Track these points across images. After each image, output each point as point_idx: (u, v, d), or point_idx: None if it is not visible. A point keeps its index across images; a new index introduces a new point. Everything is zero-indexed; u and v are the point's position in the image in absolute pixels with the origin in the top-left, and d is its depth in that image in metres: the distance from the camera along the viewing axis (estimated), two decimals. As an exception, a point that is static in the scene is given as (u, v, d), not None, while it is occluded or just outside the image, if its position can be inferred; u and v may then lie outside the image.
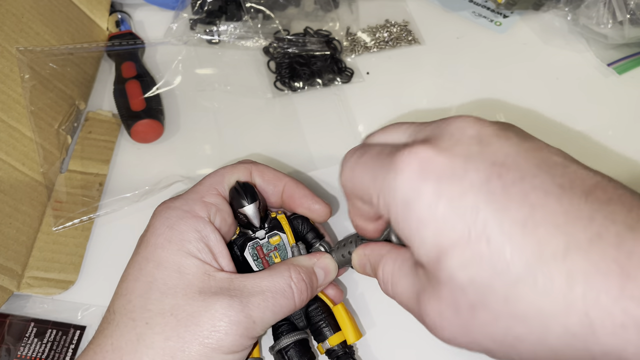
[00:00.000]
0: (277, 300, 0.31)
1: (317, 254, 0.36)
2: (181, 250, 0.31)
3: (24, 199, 0.45)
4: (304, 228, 0.38)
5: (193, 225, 0.32)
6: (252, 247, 0.36)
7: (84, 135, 0.52)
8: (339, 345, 0.36)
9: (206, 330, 0.29)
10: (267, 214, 0.37)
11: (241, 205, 0.35)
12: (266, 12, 0.58)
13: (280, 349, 0.35)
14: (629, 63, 0.56)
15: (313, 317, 0.36)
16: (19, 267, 0.43)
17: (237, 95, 0.56)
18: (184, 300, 0.30)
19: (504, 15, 0.61)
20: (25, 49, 0.49)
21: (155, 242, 0.32)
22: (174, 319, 0.29)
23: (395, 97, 0.55)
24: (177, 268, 0.31)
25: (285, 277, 0.32)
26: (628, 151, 0.50)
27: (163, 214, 0.33)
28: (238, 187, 0.35)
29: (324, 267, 0.35)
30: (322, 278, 0.35)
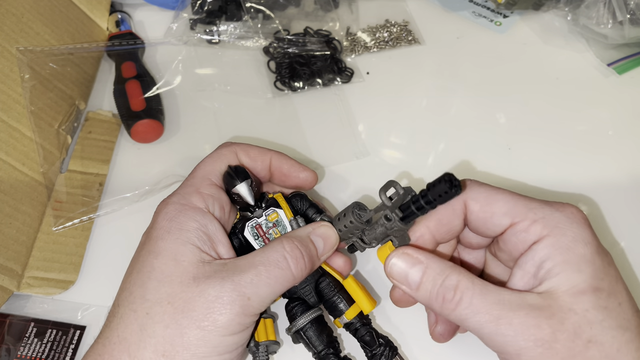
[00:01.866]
0: (270, 272, 0.32)
1: (314, 224, 0.36)
2: (179, 239, 0.32)
3: (24, 199, 0.45)
4: (303, 205, 0.38)
5: (192, 216, 0.33)
6: (251, 227, 0.36)
7: (84, 135, 0.52)
8: (356, 318, 0.36)
9: (201, 314, 0.30)
10: (264, 195, 0.38)
11: (233, 185, 0.35)
12: (266, 12, 0.58)
13: (298, 330, 0.36)
14: (629, 63, 0.56)
15: (326, 294, 0.36)
16: (19, 267, 0.43)
17: (237, 95, 0.56)
18: (180, 288, 0.31)
19: (504, 15, 0.61)
20: (25, 49, 0.49)
21: (155, 235, 0.33)
22: (171, 307, 0.30)
23: (395, 97, 0.55)
24: (174, 256, 0.32)
25: (279, 249, 0.33)
26: (628, 151, 0.50)
27: (163, 210, 0.34)
28: (229, 169, 0.36)
29: (321, 235, 0.35)
30: (321, 246, 0.35)
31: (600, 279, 0.29)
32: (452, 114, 0.54)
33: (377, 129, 0.53)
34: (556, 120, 0.53)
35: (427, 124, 0.53)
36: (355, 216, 0.34)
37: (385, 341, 0.36)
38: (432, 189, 0.29)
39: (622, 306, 0.29)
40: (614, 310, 0.29)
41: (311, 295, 0.37)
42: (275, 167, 0.39)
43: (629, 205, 0.47)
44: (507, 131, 0.52)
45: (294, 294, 0.37)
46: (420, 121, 0.53)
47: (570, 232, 0.30)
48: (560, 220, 0.31)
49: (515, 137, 0.52)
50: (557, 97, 0.54)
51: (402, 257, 0.32)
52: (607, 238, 0.45)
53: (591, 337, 0.28)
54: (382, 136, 0.52)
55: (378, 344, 0.36)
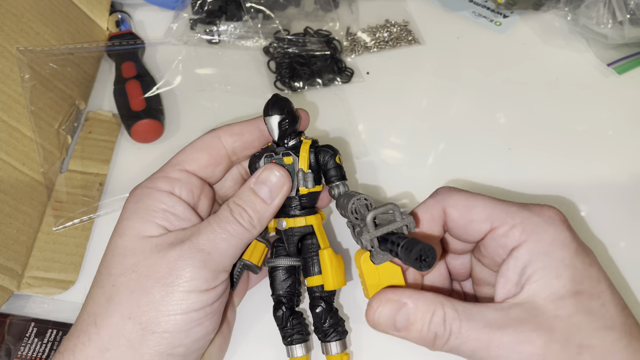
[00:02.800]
0: (223, 228, 0.33)
1: (257, 171, 0.36)
2: (143, 218, 0.33)
3: (24, 199, 0.45)
4: (326, 162, 0.37)
5: (157, 197, 0.34)
6: (266, 159, 0.37)
7: (84, 135, 0.52)
8: (317, 287, 0.37)
9: (165, 274, 0.31)
10: (298, 135, 0.38)
11: (266, 113, 0.36)
12: (266, 12, 0.58)
13: (270, 266, 0.38)
14: (629, 63, 0.56)
15: (304, 252, 0.37)
16: (19, 267, 0.43)
17: (237, 95, 0.56)
18: (143, 257, 0.32)
19: (504, 15, 0.61)
20: (26, 49, 0.49)
21: (122, 216, 0.34)
22: (135, 274, 0.31)
23: (395, 97, 0.55)
24: (137, 232, 0.33)
25: (225, 207, 0.34)
26: (628, 151, 0.50)
27: (132, 193, 0.35)
28: (274, 97, 0.36)
29: (263, 181, 0.35)
30: (266, 192, 0.35)
31: (579, 282, 0.30)
32: (452, 114, 0.54)
33: (377, 129, 0.53)
34: (556, 120, 0.53)
35: (427, 124, 0.53)
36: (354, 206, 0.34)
37: (333, 322, 0.36)
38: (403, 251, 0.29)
39: (606, 306, 0.30)
40: (598, 311, 0.29)
41: (292, 245, 0.38)
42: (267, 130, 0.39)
43: (629, 205, 0.47)
44: (507, 131, 0.52)
45: (282, 235, 0.38)
46: (420, 121, 0.53)
47: (548, 235, 0.30)
48: (538, 224, 0.31)
49: (515, 137, 0.52)
50: (557, 97, 0.54)
51: (386, 305, 0.31)
52: (606, 238, 0.45)
53: (581, 342, 0.28)
54: (382, 136, 0.52)
55: (324, 321, 0.36)
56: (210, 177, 0.38)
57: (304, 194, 0.37)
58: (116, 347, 0.30)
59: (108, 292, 0.32)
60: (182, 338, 0.31)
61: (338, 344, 0.36)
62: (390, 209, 0.32)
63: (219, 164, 0.38)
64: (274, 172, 0.35)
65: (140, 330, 0.30)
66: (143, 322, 0.30)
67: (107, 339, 0.30)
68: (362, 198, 0.34)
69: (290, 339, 0.37)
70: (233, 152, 0.38)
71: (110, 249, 0.33)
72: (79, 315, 0.33)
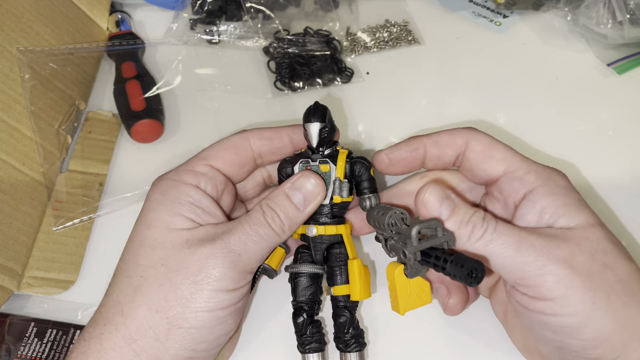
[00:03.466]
0: (255, 231, 0.33)
1: (293, 176, 0.36)
2: (171, 210, 0.34)
3: (24, 198, 0.45)
4: (361, 174, 0.38)
5: (184, 190, 0.34)
6: (302, 165, 0.37)
7: (84, 135, 0.52)
8: (342, 297, 0.37)
9: (195, 270, 0.32)
10: (334, 144, 0.38)
11: (307, 120, 0.36)
12: (266, 12, 0.58)
13: (293, 272, 0.38)
14: (628, 63, 0.56)
15: (331, 260, 0.37)
16: (19, 267, 0.43)
17: (237, 95, 0.56)
18: (173, 251, 0.32)
19: (504, 15, 0.61)
20: (26, 49, 0.49)
21: (148, 207, 0.34)
22: (164, 268, 0.32)
23: (395, 97, 0.55)
24: (166, 225, 0.33)
25: (258, 209, 0.35)
26: (628, 151, 0.50)
27: (157, 184, 0.35)
28: (315, 105, 0.37)
29: (298, 187, 0.35)
30: (300, 199, 0.35)
31: (600, 219, 0.33)
32: (452, 113, 0.54)
33: (377, 129, 0.53)
34: (556, 120, 0.53)
35: (427, 124, 0.53)
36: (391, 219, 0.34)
37: (355, 334, 0.36)
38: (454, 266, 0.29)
39: (622, 245, 0.32)
40: (619, 244, 0.32)
41: (319, 254, 0.38)
42: (297, 139, 0.39)
43: (629, 205, 0.47)
44: (507, 131, 0.52)
45: (309, 242, 0.38)
46: (420, 121, 0.53)
47: (561, 183, 0.33)
48: (551, 174, 0.34)
49: (515, 137, 0.52)
50: (557, 97, 0.54)
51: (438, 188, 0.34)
52: (607, 238, 0.45)
53: (606, 262, 0.30)
54: (382, 136, 0.52)
55: (346, 331, 0.36)
56: (234, 176, 0.38)
57: (337, 202, 0.37)
58: (143, 339, 0.31)
59: (136, 282, 0.32)
60: (206, 334, 0.32)
61: (357, 355, 0.36)
62: (433, 225, 0.32)
63: (244, 165, 0.38)
64: (310, 180, 0.36)
65: (167, 325, 0.31)
66: (170, 316, 0.31)
67: (134, 329, 0.31)
68: (399, 212, 0.35)
69: (307, 347, 0.37)
70: (259, 156, 0.39)
71: (137, 239, 0.33)
72: (103, 302, 0.33)
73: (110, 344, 0.31)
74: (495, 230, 0.31)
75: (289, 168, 0.38)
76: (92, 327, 0.32)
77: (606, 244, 0.31)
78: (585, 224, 0.31)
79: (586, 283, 0.29)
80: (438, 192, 0.33)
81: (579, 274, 0.29)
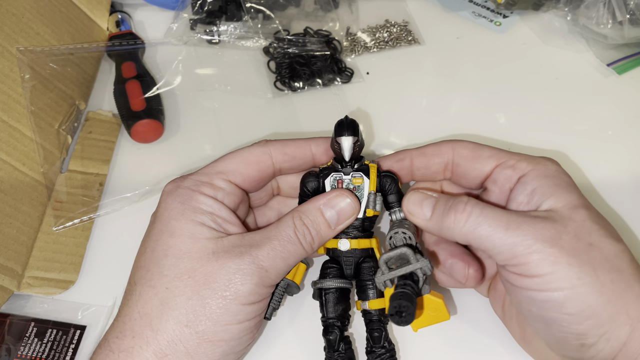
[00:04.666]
0: (284, 247, 0.33)
1: (330, 192, 0.36)
2: (194, 220, 0.33)
3: (24, 199, 0.45)
4: (390, 188, 0.38)
5: (203, 201, 0.34)
6: (334, 179, 0.37)
7: (84, 135, 0.52)
8: (376, 311, 0.36)
9: (223, 285, 0.31)
10: (362, 158, 0.38)
11: (340, 134, 0.36)
12: (266, 12, 0.58)
13: (322, 288, 0.37)
14: (628, 63, 0.56)
15: (363, 274, 0.37)
16: (19, 267, 0.43)
17: (237, 95, 0.56)
18: (199, 263, 0.32)
19: (504, 15, 0.61)
20: (26, 49, 0.49)
21: (168, 215, 0.34)
22: (191, 280, 0.32)
23: (395, 97, 0.55)
24: (191, 235, 0.33)
25: (289, 224, 0.34)
26: (628, 151, 0.50)
27: (174, 192, 0.35)
28: (345, 120, 0.37)
29: (333, 206, 0.35)
30: (334, 217, 0.35)
31: (588, 202, 0.33)
32: (452, 114, 0.54)
33: (377, 129, 0.53)
34: (556, 120, 0.53)
35: (427, 124, 0.53)
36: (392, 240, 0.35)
37: (390, 348, 0.36)
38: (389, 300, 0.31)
39: (610, 225, 0.33)
40: (605, 226, 0.32)
41: (350, 268, 0.37)
42: (318, 152, 0.39)
43: (628, 205, 0.47)
44: (507, 131, 0.52)
45: (337, 256, 0.38)
46: (420, 121, 0.53)
47: (552, 167, 0.34)
48: (542, 161, 0.35)
49: (515, 137, 0.52)
50: (557, 97, 0.54)
51: (417, 192, 0.35)
52: (607, 238, 0.45)
53: (591, 242, 0.31)
54: (382, 136, 0.52)
55: (381, 345, 0.36)
56: (251, 189, 0.38)
57: (369, 216, 0.37)
58: (173, 353, 0.31)
59: (162, 294, 0.32)
60: (235, 346, 0.33)
61: None
62: (400, 253, 0.33)
63: (264, 180, 0.38)
64: (346, 199, 0.36)
65: (197, 339, 0.31)
66: (200, 331, 0.31)
67: (165, 344, 0.31)
68: (401, 232, 0.35)
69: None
70: (279, 170, 0.38)
71: (160, 248, 0.33)
72: (126, 312, 0.32)
73: (142, 358, 0.31)
74: (482, 214, 0.31)
75: (314, 182, 0.38)
76: (118, 338, 0.32)
77: (591, 224, 0.31)
78: (571, 206, 0.32)
79: (572, 260, 0.29)
80: (415, 196, 0.35)
81: (564, 251, 0.30)
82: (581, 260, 0.30)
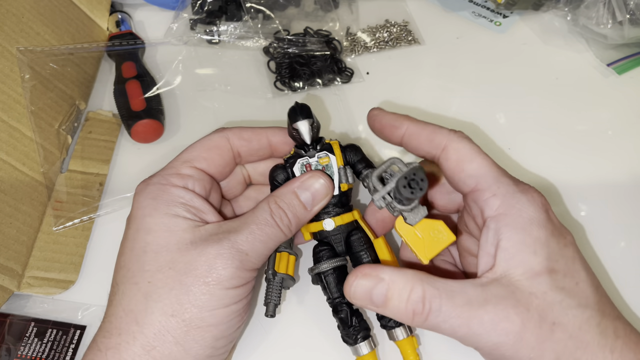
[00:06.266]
0: (262, 230, 0.34)
1: (302, 175, 0.36)
2: (167, 214, 0.33)
3: (24, 199, 0.45)
4: (355, 158, 0.38)
5: (174, 192, 0.34)
6: (301, 164, 0.37)
7: (84, 135, 0.52)
8: None
9: (205, 271, 0.32)
10: (322, 139, 0.39)
11: (295, 120, 0.37)
12: (266, 12, 0.58)
13: (320, 272, 0.37)
14: (628, 63, 0.56)
15: (354, 247, 0.37)
16: (19, 267, 0.43)
17: (237, 95, 0.56)
18: (178, 254, 0.32)
19: (504, 15, 0.61)
20: (26, 49, 0.49)
21: (142, 213, 0.34)
22: (172, 271, 0.32)
23: (395, 97, 0.55)
24: (167, 228, 0.33)
25: (266, 209, 0.35)
26: (628, 151, 0.50)
27: (144, 190, 0.35)
28: (296, 105, 0.37)
29: (308, 188, 0.36)
30: (309, 198, 0.36)
31: (555, 260, 0.30)
32: (452, 114, 0.54)
33: (377, 129, 0.53)
34: (556, 120, 0.53)
35: (427, 124, 0.53)
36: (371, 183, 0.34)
37: None
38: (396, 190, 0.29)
39: (580, 285, 0.31)
40: (572, 290, 0.30)
41: (340, 245, 0.38)
42: (276, 141, 0.40)
43: (628, 205, 0.47)
44: (507, 131, 0.52)
45: (325, 238, 0.38)
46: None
47: (526, 213, 0.31)
48: (520, 200, 0.32)
49: (515, 137, 0.52)
50: (557, 97, 0.54)
51: (363, 279, 0.31)
52: (607, 238, 0.45)
53: (554, 319, 0.29)
54: (382, 136, 0.52)
55: None
56: (218, 176, 0.38)
57: (344, 190, 0.37)
58: (162, 344, 0.31)
59: (144, 288, 0.32)
60: (224, 330, 0.33)
61: (403, 329, 0.36)
62: (392, 162, 0.32)
63: (227, 164, 0.39)
64: (319, 180, 0.36)
65: (184, 327, 0.31)
66: (187, 319, 0.31)
67: (152, 337, 0.31)
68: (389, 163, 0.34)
69: (355, 338, 0.37)
70: (238, 155, 0.39)
71: (138, 246, 0.33)
72: (112, 312, 0.33)
73: (130, 354, 0.31)
74: (441, 313, 0.29)
75: (283, 173, 0.38)
76: (105, 337, 0.32)
77: (554, 296, 0.30)
78: (533, 273, 0.30)
79: (532, 353, 0.29)
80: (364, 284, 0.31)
81: (527, 344, 0.29)
82: (544, 350, 0.29)
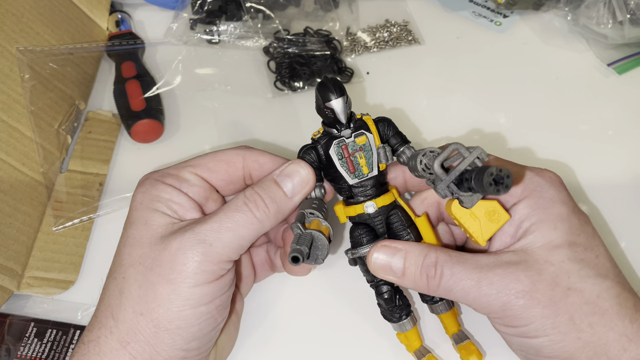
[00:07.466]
0: (231, 217, 0.32)
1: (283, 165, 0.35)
2: (149, 208, 0.33)
3: (24, 199, 0.45)
4: (388, 131, 0.36)
5: (164, 189, 0.34)
6: (337, 146, 0.34)
7: (84, 135, 0.52)
8: None
9: (168, 268, 0.31)
10: (353, 114, 0.35)
11: (328, 98, 0.33)
12: (266, 12, 0.58)
13: (360, 257, 0.36)
14: (629, 63, 0.56)
15: (395, 227, 0.35)
16: (19, 267, 0.43)
17: (237, 95, 0.56)
18: (149, 248, 0.32)
19: (504, 15, 0.61)
20: (25, 49, 0.49)
21: (133, 206, 0.34)
22: (142, 267, 0.31)
23: (395, 97, 0.55)
24: (145, 222, 0.33)
25: (240, 196, 0.33)
26: (628, 151, 0.50)
27: (142, 183, 0.35)
28: (326, 81, 0.33)
29: (288, 174, 0.34)
30: (289, 186, 0.34)
31: (577, 234, 0.32)
32: (452, 113, 0.54)
33: (377, 129, 0.53)
34: (556, 120, 0.53)
35: (427, 124, 0.53)
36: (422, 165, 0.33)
37: None
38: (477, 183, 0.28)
39: (600, 258, 0.32)
40: (591, 261, 0.31)
41: (381, 226, 0.36)
42: None
43: (629, 205, 0.47)
44: (507, 131, 0.52)
45: (364, 220, 0.36)
46: (420, 121, 0.53)
47: (547, 193, 0.33)
48: (539, 183, 0.33)
49: (515, 137, 0.52)
50: (557, 97, 0.54)
51: (381, 250, 0.33)
52: (608, 238, 0.45)
53: (570, 285, 0.30)
54: (382, 136, 0.52)
55: None
56: (221, 189, 0.37)
57: (382, 170, 0.35)
58: (135, 342, 0.31)
59: (120, 284, 0.32)
60: (195, 332, 0.31)
61: (445, 304, 0.36)
62: (454, 149, 0.31)
63: (232, 182, 0.37)
64: (301, 168, 0.35)
65: (153, 328, 0.31)
66: (154, 319, 0.31)
67: (125, 333, 0.31)
68: (427, 152, 0.33)
69: (400, 316, 0.36)
70: (250, 177, 0.37)
71: (122, 239, 0.34)
72: (98, 304, 0.33)
73: (108, 347, 0.31)
74: (452, 275, 0.31)
75: (312, 154, 0.35)
76: (89, 330, 0.32)
77: (571, 265, 0.30)
78: (552, 246, 0.31)
79: (545, 311, 0.30)
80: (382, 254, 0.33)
81: (538, 303, 0.30)
82: (557, 308, 0.30)
